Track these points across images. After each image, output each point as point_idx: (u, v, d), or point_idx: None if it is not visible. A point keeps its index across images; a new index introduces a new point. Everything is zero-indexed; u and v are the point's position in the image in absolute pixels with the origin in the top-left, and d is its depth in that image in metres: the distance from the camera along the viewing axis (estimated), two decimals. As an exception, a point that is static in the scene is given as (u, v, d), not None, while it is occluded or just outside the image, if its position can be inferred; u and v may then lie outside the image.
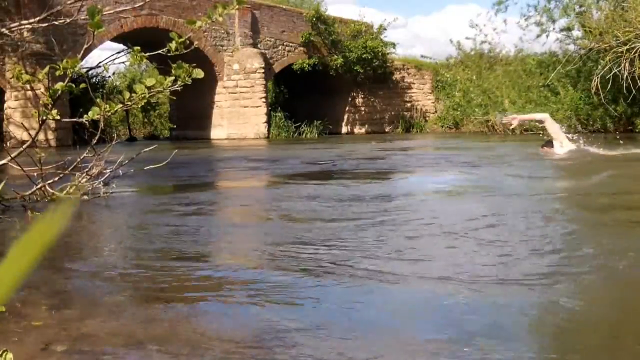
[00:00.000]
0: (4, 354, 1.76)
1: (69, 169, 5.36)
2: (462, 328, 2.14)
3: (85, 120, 4.70)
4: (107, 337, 2.15)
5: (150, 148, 5.88)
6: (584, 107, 21.94)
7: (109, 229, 4.64)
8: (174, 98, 19.69)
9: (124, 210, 5.42)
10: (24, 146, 5.08)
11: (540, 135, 11.89)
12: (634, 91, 19.20)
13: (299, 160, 11.26)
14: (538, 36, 22.70)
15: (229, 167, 10.72)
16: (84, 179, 5.31)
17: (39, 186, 5.17)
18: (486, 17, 25.39)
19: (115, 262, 3.41)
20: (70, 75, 4.44)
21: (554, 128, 10.44)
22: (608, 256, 3.12)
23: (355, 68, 26.59)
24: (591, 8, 20.63)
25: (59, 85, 4.49)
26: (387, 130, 28.31)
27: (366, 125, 28.30)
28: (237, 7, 4.70)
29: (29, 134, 5.29)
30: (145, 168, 5.94)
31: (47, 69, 4.50)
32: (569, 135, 10.63)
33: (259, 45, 24.95)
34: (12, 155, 4.99)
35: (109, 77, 28.93)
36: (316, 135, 25.25)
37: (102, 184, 5.43)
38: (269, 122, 24.66)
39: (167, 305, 2.54)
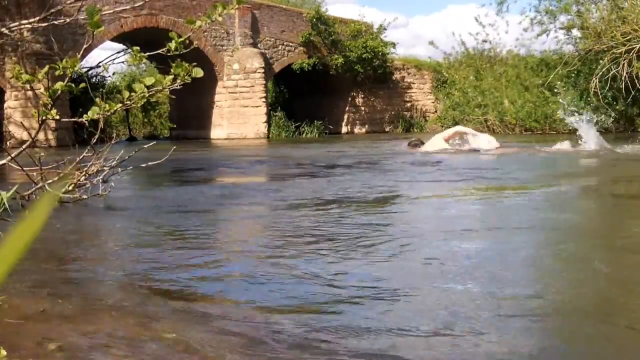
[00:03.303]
0: None
1: (69, 169, 5.36)
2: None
3: (85, 120, 4.70)
4: (105, 335, 2.15)
5: (149, 145, 5.90)
6: (584, 107, 21.93)
7: (109, 229, 4.64)
8: (174, 97, 19.71)
9: (124, 211, 5.43)
10: (24, 146, 5.08)
11: (540, 134, 12.36)
12: (632, 91, 19.21)
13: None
14: (538, 35, 22.69)
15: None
16: (83, 178, 5.31)
17: (38, 186, 5.17)
18: (486, 15, 25.38)
19: (114, 262, 3.41)
20: (70, 75, 4.44)
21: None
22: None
23: (355, 68, 26.57)
24: (589, 8, 20.64)
25: (58, 85, 4.49)
26: (387, 130, 28.29)
27: (366, 125, 28.29)
28: (236, 6, 4.70)
29: (29, 133, 5.30)
30: (143, 165, 5.94)
31: (46, 68, 4.50)
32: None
33: (259, 45, 24.94)
34: (12, 155, 4.99)
35: (109, 76, 28.90)
36: (316, 135, 25.26)
37: (100, 182, 5.44)
38: (269, 122, 24.65)
39: (167, 305, 2.54)
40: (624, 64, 18.95)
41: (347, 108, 28.43)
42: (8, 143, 17.90)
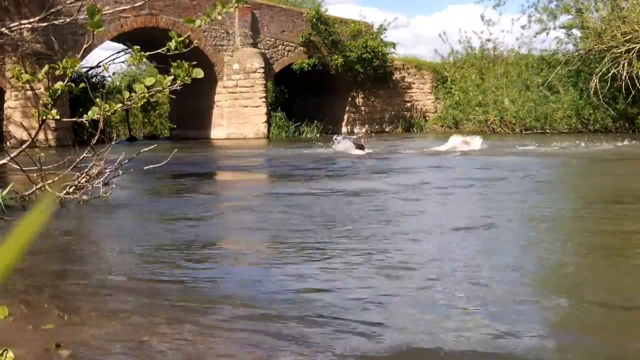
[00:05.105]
0: (4, 353, 1.76)
1: (69, 169, 5.36)
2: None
3: (85, 120, 4.70)
4: (110, 340, 2.14)
5: (150, 148, 5.89)
6: (585, 106, 21.93)
7: (112, 232, 4.63)
8: (174, 97, 19.69)
9: (125, 213, 5.42)
10: (24, 146, 5.07)
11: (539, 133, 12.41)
12: (632, 91, 19.22)
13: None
14: (538, 34, 22.70)
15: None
16: (84, 179, 5.30)
17: (38, 186, 5.17)
18: (484, 14, 25.25)
19: (118, 266, 3.40)
20: (70, 75, 4.43)
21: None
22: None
23: (355, 68, 26.56)
24: (589, 8, 20.64)
25: (58, 85, 4.48)
26: (387, 130, 28.28)
27: (366, 125, 28.28)
28: (236, 5, 4.69)
29: (29, 133, 5.29)
30: (145, 168, 5.93)
31: (46, 68, 4.49)
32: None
33: (259, 45, 24.93)
34: (12, 155, 4.99)
35: (109, 76, 28.88)
36: (317, 135, 25.24)
37: (101, 184, 5.43)
38: (269, 122, 24.64)
39: (171, 310, 2.53)
40: (624, 64, 18.96)
41: (347, 108, 28.41)
42: (8, 143, 17.90)
